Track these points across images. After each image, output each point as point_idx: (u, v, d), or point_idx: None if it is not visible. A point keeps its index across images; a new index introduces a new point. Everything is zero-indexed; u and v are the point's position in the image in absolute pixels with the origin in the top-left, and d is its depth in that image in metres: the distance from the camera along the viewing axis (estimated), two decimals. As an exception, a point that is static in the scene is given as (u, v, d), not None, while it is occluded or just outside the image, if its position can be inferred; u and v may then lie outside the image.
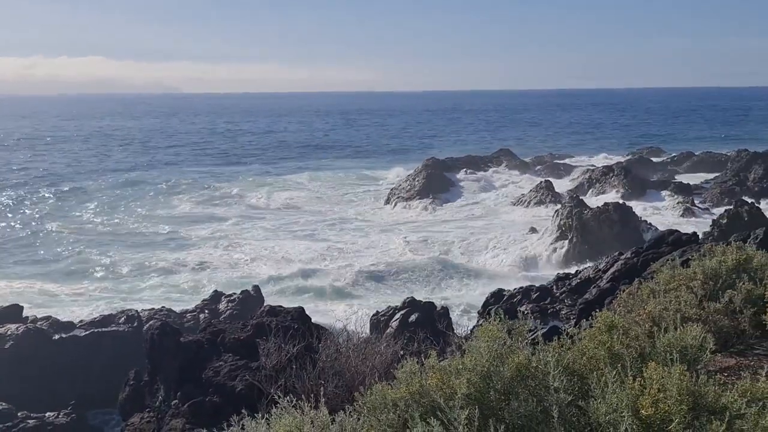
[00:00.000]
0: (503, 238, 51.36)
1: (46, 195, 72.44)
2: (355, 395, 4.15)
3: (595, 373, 3.92)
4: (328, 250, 47.76)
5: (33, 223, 58.01)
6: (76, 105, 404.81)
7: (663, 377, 3.64)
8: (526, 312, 27.55)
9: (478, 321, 28.32)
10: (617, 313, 6.94)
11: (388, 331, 30.58)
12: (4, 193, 72.87)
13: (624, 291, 7.33)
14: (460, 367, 4.06)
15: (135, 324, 29.03)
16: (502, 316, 4.95)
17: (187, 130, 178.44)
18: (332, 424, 3.91)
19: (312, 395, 4.73)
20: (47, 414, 23.27)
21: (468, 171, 78.28)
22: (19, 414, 23.34)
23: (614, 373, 3.75)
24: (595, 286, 25.98)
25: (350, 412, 4.05)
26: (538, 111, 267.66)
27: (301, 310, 18.87)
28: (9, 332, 27.42)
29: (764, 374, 3.95)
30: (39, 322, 28.79)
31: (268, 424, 4.07)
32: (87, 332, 28.34)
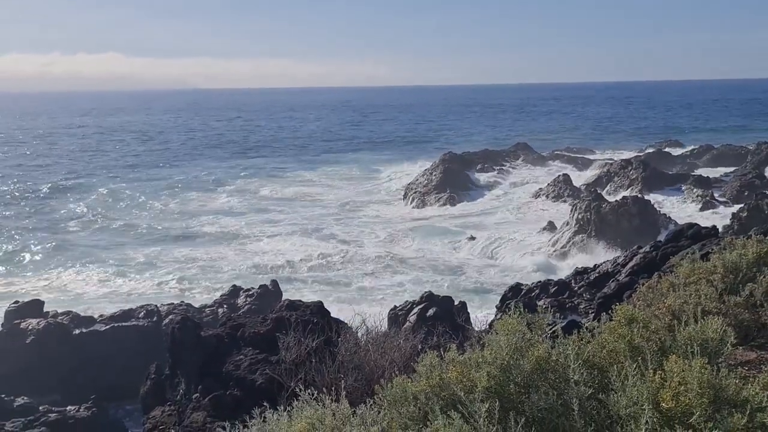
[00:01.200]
0: (521, 233, 51.27)
1: (57, 190, 72.94)
2: (375, 388, 4.17)
3: (615, 366, 3.91)
4: (343, 246, 47.84)
5: (44, 217, 58.43)
6: (93, 101, 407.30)
7: (684, 370, 3.63)
8: (544, 306, 27.46)
9: (496, 315, 28.30)
10: (637, 306, 6.92)
11: (406, 325, 30.67)
12: (22, 188, 73.56)
13: (643, 285, 7.31)
14: (480, 360, 4.07)
15: (155, 318, 29.22)
16: (522, 309, 4.95)
17: (202, 126, 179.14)
18: (353, 416, 3.94)
19: (332, 389, 4.76)
20: (68, 408, 23.45)
21: (485, 165, 78.12)
22: (40, 408, 23.54)
23: (634, 366, 3.74)
24: (613, 280, 25.86)
25: (371, 405, 4.07)
26: (556, 105, 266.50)
27: (320, 304, 18.91)
28: (30, 327, 27.67)
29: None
30: (60, 317, 28.99)
31: (289, 416, 4.10)
32: (107, 327, 28.55)
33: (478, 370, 3.97)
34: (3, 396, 23.99)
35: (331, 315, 18.53)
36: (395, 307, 31.61)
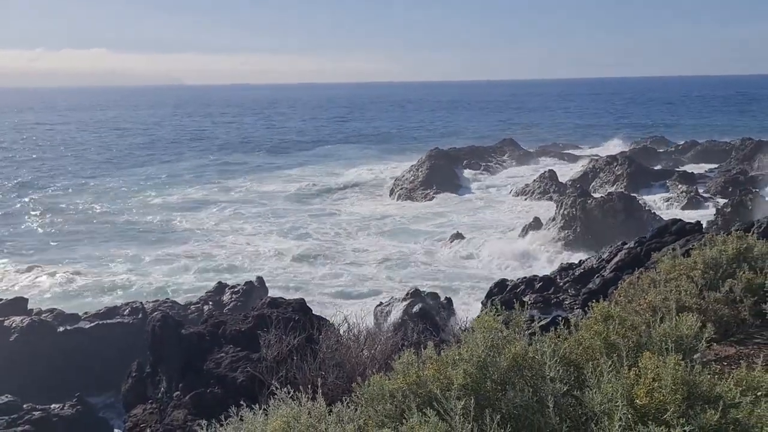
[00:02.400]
0: (506, 229, 51.41)
1: (51, 188, 72.57)
2: (352, 386, 4.17)
3: (590, 362, 3.93)
4: (327, 243, 47.87)
5: (39, 212, 58.12)
6: (79, 97, 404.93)
7: (658, 367, 3.64)
8: (529, 302, 27.59)
9: (481, 311, 28.34)
10: (618, 303, 6.96)
11: (390, 321, 30.73)
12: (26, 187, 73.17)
13: (625, 281, 7.34)
14: (457, 357, 4.07)
15: (140, 315, 29.09)
16: (499, 307, 4.96)
17: (187, 122, 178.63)
18: (329, 414, 3.93)
19: (312, 386, 4.75)
20: (53, 406, 23.34)
21: (472, 161, 78.23)
22: (24, 406, 23.41)
23: (609, 363, 3.76)
24: (598, 276, 26.01)
25: (347, 402, 4.06)
26: (541, 101, 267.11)
27: (302, 301, 18.91)
28: (14, 325, 27.50)
29: (760, 363, 3.96)
30: (44, 315, 28.84)
31: (266, 414, 4.09)
32: (92, 324, 28.42)
33: (455, 368, 3.97)
34: (-14, 394, 23.84)
35: (313, 312, 18.53)
36: (381, 303, 31.68)
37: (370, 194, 68.75)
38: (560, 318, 14.84)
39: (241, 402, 5.10)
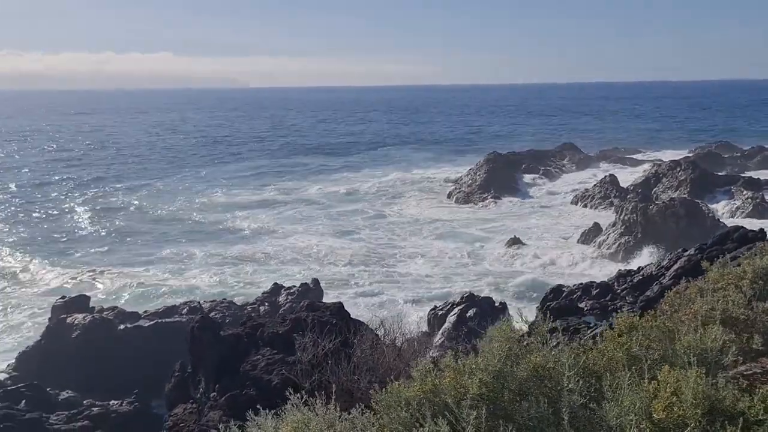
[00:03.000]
0: (566, 233, 50.77)
1: (114, 189, 74.27)
2: (370, 393, 4.15)
3: (607, 374, 3.82)
4: (383, 245, 47.97)
5: (102, 212, 59.47)
6: (146, 99, 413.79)
7: (678, 380, 3.52)
8: (585, 308, 27.15)
9: (536, 317, 28.00)
10: (664, 312, 6.79)
11: (445, 326, 30.59)
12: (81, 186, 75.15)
13: (672, 290, 7.16)
14: (473, 367, 4.01)
15: (198, 315, 29.51)
16: (522, 316, 4.87)
17: (248, 124, 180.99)
18: (340, 421, 3.91)
19: (346, 390, 4.74)
20: (111, 402, 23.88)
21: (531, 165, 77.41)
22: (84, 402, 24.02)
23: (628, 375, 3.65)
24: (657, 283, 25.45)
25: (362, 408, 4.04)
26: (603, 104, 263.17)
27: (339, 305, 18.88)
28: (76, 322, 28.25)
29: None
30: (105, 312, 29.53)
31: (277, 419, 4.09)
32: (151, 322, 28.99)
33: (471, 377, 3.91)
34: (48, 389, 24.53)
35: (351, 316, 18.49)
36: (435, 307, 31.55)
37: (427, 197, 68.57)
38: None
39: (278, 403, 5.10)
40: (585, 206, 60.43)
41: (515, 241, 47.03)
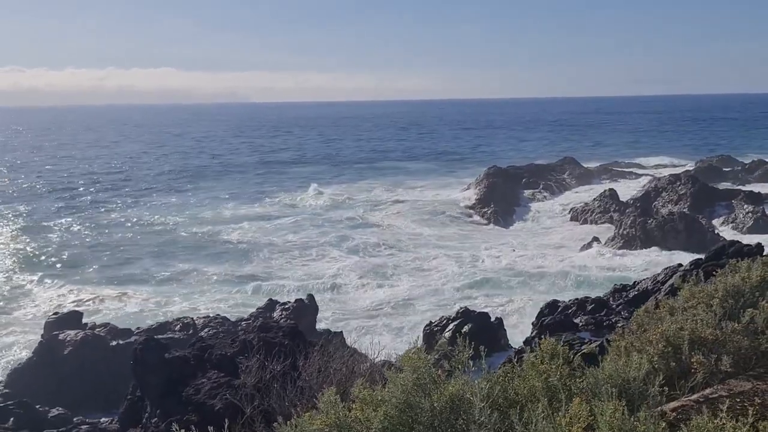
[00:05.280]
0: (565, 247, 50.58)
1: (111, 205, 74.22)
2: (273, 425, 3.97)
3: (518, 407, 3.65)
4: (381, 259, 47.82)
5: (97, 226, 59.38)
6: (149, 115, 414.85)
7: (593, 415, 3.35)
8: (580, 324, 26.95)
9: (532, 332, 27.85)
10: (633, 332, 6.64)
11: (440, 341, 30.36)
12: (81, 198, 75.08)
13: (641, 308, 7.00)
14: (379, 398, 3.83)
15: (190, 331, 29.38)
16: (435, 344, 4.68)
17: (249, 138, 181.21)
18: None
19: (289, 416, 4.58)
20: (102, 420, 23.67)
21: (531, 180, 77.28)
22: (74, 419, 23.82)
23: (540, 407, 3.48)
24: (653, 299, 25.20)
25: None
26: (600, 118, 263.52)
27: (293, 326, 18.62)
28: (68, 338, 28.05)
29: (725, 409, 3.61)
30: (97, 329, 29.37)
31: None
32: (143, 339, 28.73)
33: (376, 410, 3.74)
34: (38, 407, 24.31)
35: (305, 337, 18.09)
36: (430, 323, 31.32)
37: (427, 211, 68.34)
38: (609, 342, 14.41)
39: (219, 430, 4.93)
40: (585, 221, 60.22)
41: (513, 253, 46.88)
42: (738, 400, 5.23)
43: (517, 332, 30.29)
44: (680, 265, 27.59)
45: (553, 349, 4.23)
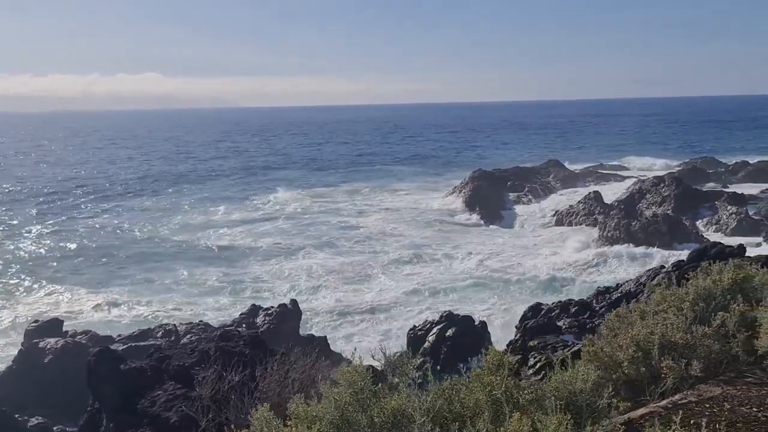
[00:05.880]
0: (549, 249, 50.57)
1: (97, 207, 73.73)
2: None
3: (459, 422, 3.53)
4: (362, 263, 47.58)
5: (82, 235, 58.91)
6: (135, 120, 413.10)
7: (537, 429, 3.23)
8: (564, 327, 26.89)
9: (515, 336, 27.74)
10: (604, 336, 6.55)
11: (424, 346, 30.25)
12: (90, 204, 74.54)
13: (612, 312, 6.90)
14: (314, 414, 3.71)
15: (173, 338, 29.16)
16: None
17: (239, 144, 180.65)
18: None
19: (245, 427, 4.45)
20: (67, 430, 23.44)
21: (516, 183, 77.28)
22: (54, 428, 23.58)
23: (481, 422, 3.36)
24: (635, 300, 25.20)
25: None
26: (586, 121, 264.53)
27: (255, 334, 18.36)
28: (49, 346, 27.81)
29: (677, 422, 3.51)
30: (78, 336, 29.10)
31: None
32: (125, 346, 28.49)
33: (310, 427, 3.61)
34: (17, 416, 24.03)
35: (268, 346, 17.78)
36: (414, 327, 31.21)
37: (412, 214, 68.27)
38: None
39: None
40: (570, 223, 60.23)
41: (494, 257, 46.83)
42: (707, 405, 5.14)
43: (502, 336, 30.16)
44: (662, 266, 27.64)
45: (499, 360, 4.09)
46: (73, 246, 55.23)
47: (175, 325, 30.53)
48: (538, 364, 23.22)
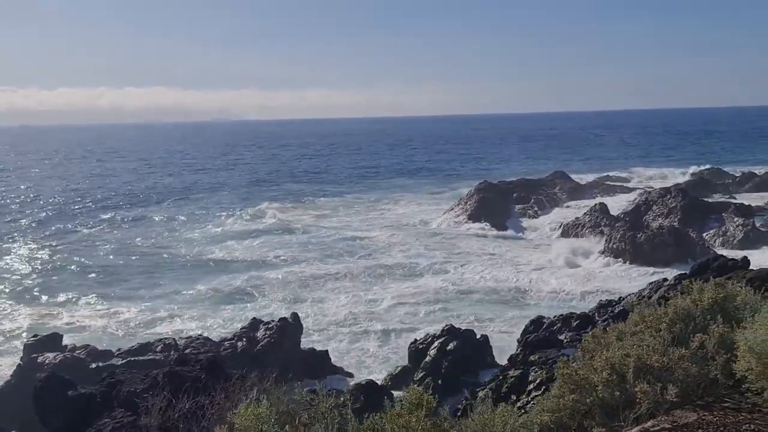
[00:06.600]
0: (554, 261, 50.25)
1: (105, 220, 73.79)
2: None
3: None
4: (367, 278, 47.38)
5: (88, 249, 58.89)
6: (141, 134, 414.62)
7: None
8: (565, 341, 26.62)
9: (516, 350, 27.47)
10: (579, 358, 6.36)
11: (425, 359, 29.99)
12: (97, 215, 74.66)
13: (590, 332, 6.70)
14: None
15: (172, 352, 29.00)
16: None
17: (244, 156, 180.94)
18: None
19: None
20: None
21: (522, 195, 77.00)
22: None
23: None
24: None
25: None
26: (596, 132, 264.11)
27: (212, 359, 17.96)
28: (47, 361, 27.72)
29: None
30: (77, 351, 29.00)
31: None
32: (124, 360, 28.41)
33: None
34: (13, 432, 23.92)
35: (226, 370, 17.30)
36: (416, 340, 30.97)
37: (416, 226, 68.09)
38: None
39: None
40: (576, 235, 59.87)
41: (502, 269, 46.55)
42: (682, 432, 4.94)
43: (504, 349, 29.87)
44: (665, 279, 27.36)
45: (418, 399, 3.90)
46: (75, 258, 55.20)
47: (174, 339, 30.40)
48: (539, 379, 23.01)
